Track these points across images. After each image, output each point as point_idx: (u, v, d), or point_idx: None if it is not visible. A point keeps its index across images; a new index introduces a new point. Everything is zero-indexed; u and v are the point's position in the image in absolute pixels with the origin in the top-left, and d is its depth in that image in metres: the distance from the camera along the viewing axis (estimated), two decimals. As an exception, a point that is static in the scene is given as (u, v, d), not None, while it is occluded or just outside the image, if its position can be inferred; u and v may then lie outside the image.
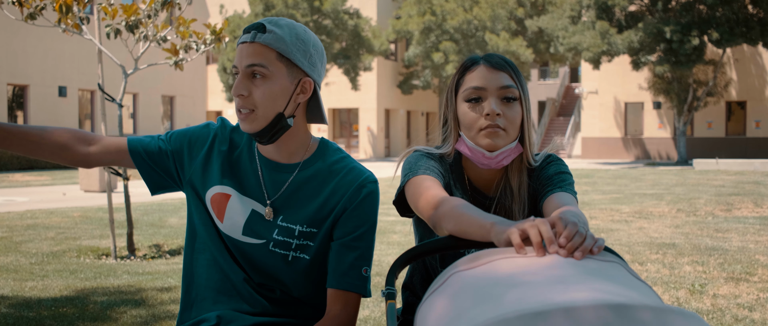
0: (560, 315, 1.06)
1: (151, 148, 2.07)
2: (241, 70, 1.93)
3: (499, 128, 1.96)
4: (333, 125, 42.11)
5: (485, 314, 1.14)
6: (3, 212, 12.01)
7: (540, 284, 1.21)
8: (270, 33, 1.91)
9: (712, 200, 13.92)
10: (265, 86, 1.92)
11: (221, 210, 2.05)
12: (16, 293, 5.84)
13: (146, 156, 2.07)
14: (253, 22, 1.95)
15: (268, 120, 1.94)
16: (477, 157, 2.01)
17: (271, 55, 1.91)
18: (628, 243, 8.47)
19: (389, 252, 7.74)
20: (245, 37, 1.93)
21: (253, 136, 1.98)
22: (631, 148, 37.86)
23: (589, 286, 1.19)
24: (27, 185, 19.14)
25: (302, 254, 2.04)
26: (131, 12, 7.20)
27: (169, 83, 34.72)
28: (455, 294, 1.30)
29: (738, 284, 6.10)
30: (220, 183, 2.05)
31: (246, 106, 1.93)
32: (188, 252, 2.13)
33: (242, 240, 2.04)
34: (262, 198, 2.04)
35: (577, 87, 45.49)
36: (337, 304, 1.96)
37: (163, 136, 2.11)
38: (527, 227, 1.40)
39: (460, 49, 36.85)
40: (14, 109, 28.42)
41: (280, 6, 34.41)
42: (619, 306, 1.08)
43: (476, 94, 1.99)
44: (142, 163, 2.07)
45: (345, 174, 2.04)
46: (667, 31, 28.13)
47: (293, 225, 2.02)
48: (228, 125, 2.11)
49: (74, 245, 8.37)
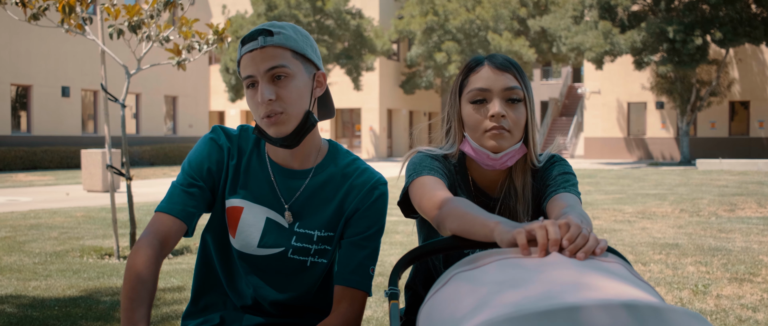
0: (563, 314, 1.06)
1: (195, 200, 1.97)
2: (260, 75, 1.87)
3: (504, 130, 1.96)
4: (335, 125, 42.13)
5: (488, 314, 1.14)
6: (6, 212, 12.03)
7: (543, 284, 1.21)
8: (278, 34, 1.89)
9: (715, 200, 13.91)
10: (291, 85, 1.89)
11: (234, 225, 2.02)
12: (20, 293, 5.85)
13: (199, 209, 1.98)
14: (251, 31, 1.90)
15: (298, 119, 1.90)
16: (481, 158, 2.01)
17: (287, 54, 1.89)
18: (631, 243, 8.46)
19: (392, 252, 7.74)
20: (252, 44, 1.88)
21: (282, 141, 1.91)
22: (633, 148, 37.83)
23: (591, 286, 1.19)
24: (30, 185, 19.16)
25: (321, 259, 2.05)
26: (134, 12, 7.21)
27: (172, 83, 34.74)
28: (457, 294, 1.30)
29: (742, 284, 6.09)
30: (232, 196, 2.02)
31: (276, 108, 1.87)
32: (200, 260, 2.14)
33: (258, 253, 2.02)
34: (276, 205, 2.02)
35: (579, 87, 45.47)
36: (344, 301, 1.97)
37: (193, 180, 1.98)
38: (536, 228, 1.38)
39: (463, 49, 36.84)
40: (17, 109, 28.47)
41: (283, 6, 34.42)
42: (621, 306, 1.07)
43: (481, 95, 1.98)
44: (200, 213, 2.00)
45: (358, 176, 2.04)
46: (670, 31, 28.10)
47: (311, 231, 2.02)
48: (230, 132, 2.05)
49: (77, 245, 8.38)
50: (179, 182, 1.98)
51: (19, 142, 27.57)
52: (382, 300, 5.42)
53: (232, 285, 2.09)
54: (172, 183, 2.01)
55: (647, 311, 1.07)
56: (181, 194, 1.95)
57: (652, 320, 1.06)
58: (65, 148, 28.02)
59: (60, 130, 29.39)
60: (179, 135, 35.64)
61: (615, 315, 1.06)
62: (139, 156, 30.33)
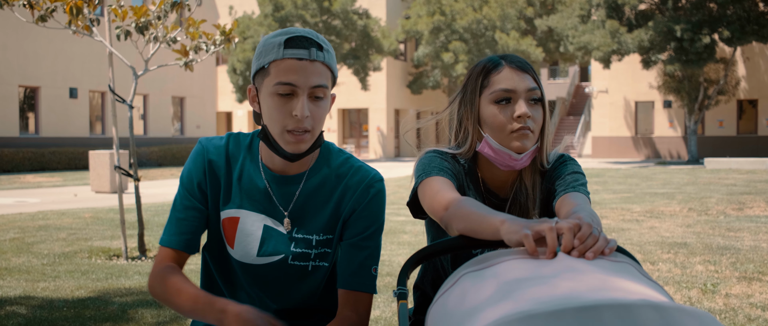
0: (573, 314, 1.05)
1: (191, 224, 1.99)
2: (304, 89, 1.81)
3: (529, 130, 1.96)
4: (342, 125, 42.16)
5: (497, 314, 1.14)
6: (15, 213, 12.07)
7: (552, 284, 1.20)
8: (327, 52, 1.84)
9: (723, 199, 13.87)
10: (324, 106, 1.85)
11: (231, 235, 2.00)
12: (29, 294, 5.87)
13: (197, 230, 2.00)
14: (299, 35, 1.82)
15: (314, 138, 1.88)
16: (503, 158, 2.00)
17: (328, 74, 1.85)
18: (639, 242, 8.44)
19: (400, 253, 7.74)
20: (302, 52, 1.80)
21: (294, 157, 1.88)
22: (641, 147, 37.75)
23: (601, 286, 1.18)
24: (38, 186, 19.22)
25: (321, 262, 2.03)
26: (141, 13, 7.22)
27: (179, 84, 34.80)
28: (466, 295, 1.29)
29: (750, 283, 6.07)
30: (226, 207, 2.00)
31: (306, 127, 1.83)
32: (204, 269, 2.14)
33: (257, 262, 2.00)
34: (273, 212, 1.99)
35: (587, 86, 45.39)
36: (347, 306, 1.95)
37: (187, 201, 1.99)
38: (545, 229, 1.37)
39: (470, 48, 36.82)
40: (25, 110, 28.56)
41: (290, 6, 34.46)
42: (631, 305, 1.07)
43: (506, 95, 1.98)
44: (200, 230, 2.02)
45: (352, 175, 2.01)
46: (677, 30, 28.03)
47: (310, 236, 2.00)
48: (216, 143, 2.01)
49: (85, 246, 8.40)
50: (175, 206, 2.00)
51: (27, 144, 27.66)
52: (391, 300, 5.42)
53: (235, 296, 2.06)
54: (173, 202, 2.02)
55: (654, 310, 1.07)
56: (177, 223, 1.98)
57: (663, 320, 1.06)
58: (73, 150, 28.10)
59: (68, 131, 29.48)
60: (187, 136, 35.70)
61: (626, 314, 1.05)
62: (146, 157, 30.40)
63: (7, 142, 26.99)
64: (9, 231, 9.69)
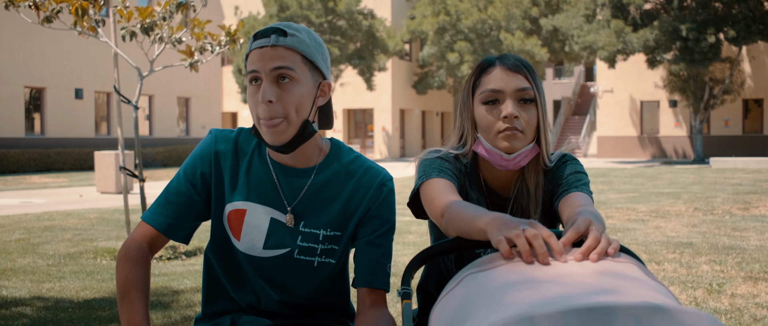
0: (573, 316, 1.06)
1: (178, 211, 1.99)
2: (265, 73, 1.83)
3: (517, 130, 1.96)
4: (348, 125, 42.17)
5: (500, 314, 1.14)
6: (20, 214, 12.10)
7: (554, 286, 1.21)
8: (292, 36, 1.85)
9: (729, 198, 13.84)
10: (294, 90, 1.85)
11: (238, 228, 2.00)
12: (34, 294, 5.88)
13: (182, 220, 2.00)
14: (266, 27, 1.86)
15: (296, 128, 1.87)
16: (494, 159, 2.01)
17: (296, 58, 1.85)
18: (644, 242, 8.43)
19: (405, 253, 7.74)
20: (263, 40, 1.84)
21: (278, 147, 1.88)
22: (647, 146, 37.69)
23: (604, 288, 1.18)
24: (44, 187, 19.27)
25: (328, 259, 2.02)
26: (146, 14, 7.24)
27: (185, 85, 34.85)
28: (469, 296, 1.30)
29: (756, 283, 6.06)
30: (233, 199, 2.00)
31: (277, 113, 1.83)
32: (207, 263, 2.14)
33: (263, 255, 2.00)
34: (280, 205, 1.99)
35: (592, 86, 45.34)
36: (377, 305, 1.96)
37: (183, 187, 2.00)
38: (513, 236, 1.40)
39: (475, 48, 36.81)
40: (31, 111, 28.63)
41: (295, 7, 34.48)
42: (633, 307, 1.07)
43: (493, 96, 1.98)
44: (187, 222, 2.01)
45: (362, 174, 2.02)
46: (682, 29, 27.97)
47: (317, 230, 2.00)
48: (228, 135, 2.03)
49: (91, 246, 8.42)
50: (169, 188, 2.00)
51: (33, 144, 27.73)
52: (395, 300, 5.42)
53: (240, 290, 2.06)
54: (167, 184, 2.02)
55: (660, 313, 1.07)
56: (167, 205, 1.98)
57: (663, 322, 1.06)
58: (78, 150, 28.16)
59: (73, 132, 29.55)
60: (192, 136, 35.75)
61: (627, 316, 1.06)
62: (152, 157, 30.44)
63: (13, 142, 27.06)
64: (15, 232, 9.71)
